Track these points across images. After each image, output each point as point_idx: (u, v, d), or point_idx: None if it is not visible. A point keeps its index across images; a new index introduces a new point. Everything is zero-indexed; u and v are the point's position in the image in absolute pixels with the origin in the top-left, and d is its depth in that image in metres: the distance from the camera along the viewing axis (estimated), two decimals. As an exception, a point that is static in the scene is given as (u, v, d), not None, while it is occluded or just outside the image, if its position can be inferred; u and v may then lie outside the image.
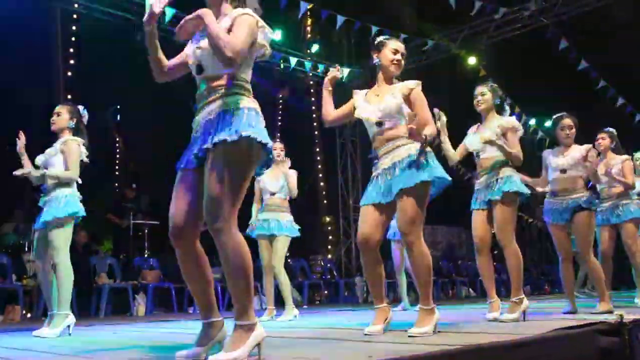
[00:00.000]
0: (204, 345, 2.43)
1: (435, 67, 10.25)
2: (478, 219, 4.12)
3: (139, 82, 10.48)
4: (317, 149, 12.26)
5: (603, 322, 2.78)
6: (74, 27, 9.71)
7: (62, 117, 4.43)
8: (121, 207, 9.62)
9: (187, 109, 2.74)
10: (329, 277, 10.30)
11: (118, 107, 11.12)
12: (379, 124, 3.33)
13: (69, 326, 4.14)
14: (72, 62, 9.86)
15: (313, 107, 12.28)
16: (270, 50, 2.58)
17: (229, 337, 2.34)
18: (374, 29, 10.00)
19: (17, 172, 4.26)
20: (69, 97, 9.80)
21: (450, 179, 3.26)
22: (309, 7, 9.58)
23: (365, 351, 2.38)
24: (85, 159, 4.46)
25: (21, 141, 4.47)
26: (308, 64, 11.06)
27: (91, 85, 9.96)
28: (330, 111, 3.56)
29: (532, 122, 12.23)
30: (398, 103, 3.29)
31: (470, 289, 11.70)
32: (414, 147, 3.22)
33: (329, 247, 12.05)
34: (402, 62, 3.42)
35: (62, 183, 4.29)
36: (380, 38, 3.51)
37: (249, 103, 2.42)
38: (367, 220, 3.30)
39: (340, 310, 7.20)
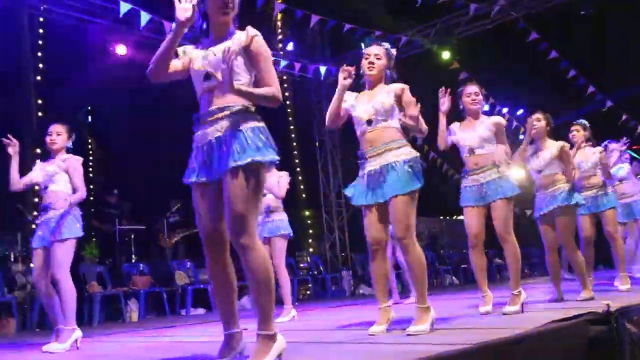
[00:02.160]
0: (226, 357, 2.58)
1: (409, 63, 10.44)
2: (473, 216, 4.25)
3: (109, 84, 10.57)
4: (294, 144, 12.36)
5: (592, 312, 2.98)
6: (40, 31, 9.67)
7: (62, 136, 4.50)
8: (103, 213, 9.64)
9: (160, 109, 2.76)
10: (315, 272, 10.47)
11: (89, 108, 11.08)
12: (369, 122, 3.47)
13: (76, 340, 4.23)
14: (41, 66, 9.84)
15: (287, 102, 12.37)
16: None
17: (249, 344, 2.50)
18: (347, 26, 10.19)
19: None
20: (39, 102, 9.80)
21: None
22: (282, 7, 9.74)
23: (380, 354, 2.56)
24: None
25: (14, 146, 4.47)
26: (283, 62, 11.18)
27: (60, 88, 9.97)
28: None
29: (505, 110, 12.56)
30: (390, 102, 3.43)
31: (453, 277, 12.00)
32: (403, 153, 3.39)
33: (310, 240, 12.21)
34: (376, 62, 3.53)
35: (64, 204, 4.36)
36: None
37: (256, 122, 2.55)
38: (373, 224, 3.46)
39: (332, 307, 7.37)
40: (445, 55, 10.26)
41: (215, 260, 2.61)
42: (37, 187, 4.57)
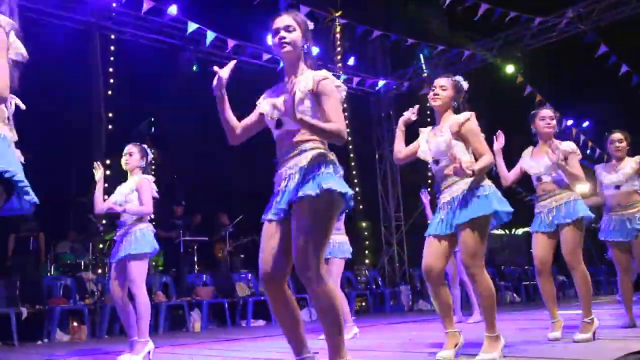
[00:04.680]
0: (302, 380, 2.63)
1: (472, 77, 10.32)
2: (541, 242, 4.21)
3: (175, 98, 10.92)
4: (351, 155, 12.39)
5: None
6: (112, 48, 10.11)
7: (134, 156, 4.69)
8: (170, 224, 9.93)
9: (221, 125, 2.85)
10: (374, 286, 10.45)
11: (152, 119, 11.45)
12: (436, 162, 3.53)
13: (149, 352, 4.40)
14: (111, 81, 10.28)
15: (346, 113, 12.42)
16: None
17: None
18: (409, 41, 10.21)
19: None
20: (110, 115, 10.24)
21: (512, 210, 3.42)
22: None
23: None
24: (156, 195, 4.73)
25: (100, 171, 4.74)
26: (343, 76, 11.26)
27: (128, 102, 10.38)
28: (401, 149, 3.73)
29: (570, 122, 12.24)
30: (446, 141, 3.45)
31: (514, 294, 11.73)
32: (468, 183, 3.39)
33: (366, 252, 12.20)
34: (441, 93, 3.55)
35: (138, 218, 4.57)
36: None
37: (327, 156, 2.61)
38: (430, 251, 3.48)
39: (392, 323, 7.35)
40: (509, 69, 10.09)
41: (277, 295, 2.63)
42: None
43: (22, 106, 2.17)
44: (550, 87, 10.39)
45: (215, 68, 2.69)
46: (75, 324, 7.39)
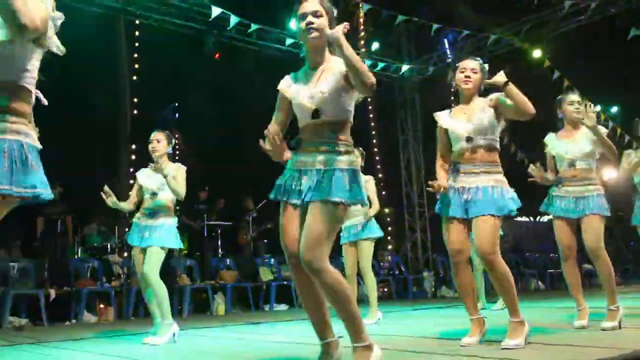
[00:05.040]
0: (327, 365, 2.65)
1: (498, 62, 10.18)
2: (565, 228, 4.15)
3: (198, 83, 10.94)
4: (374, 141, 12.31)
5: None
6: (137, 33, 10.17)
7: (162, 143, 4.74)
8: (194, 209, 10.01)
9: (245, 110, 2.86)
10: (397, 272, 10.43)
11: (176, 104, 11.53)
12: (469, 139, 3.47)
13: (174, 334, 4.46)
14: (136, 66, 10.36)
15: (369, 99, 12.32)
16: None
17: (345, 356, 2.56)
18: (434, 26, 10.07)
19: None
20: (135, 100, 10.32)
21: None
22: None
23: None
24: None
25: (111, 198, 4.69)
26: (367, 62, 11.18)
27: (153, 87, 10.46)
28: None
29: (598, 108, 11.99)
30: (490, 116, 3.42)
31: (539, 282, 11.63)
32: (496, 179, 3.39)
33: (390, 238, 12.15)
34: (473, 76, 3.51)
35: (168, 213, 4.66)
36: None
37: (350, 163, 2.60)
38: (455, 234, 3.46)
39: (416, 310, 7.34)
40: (536, 53, 9.90)
41: (302, 277, 2.65)
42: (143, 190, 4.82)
43: (44, 101, 2.20)
44: (577, 72, 10.16)
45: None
46: (102, 305, 7.54)
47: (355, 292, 5.73)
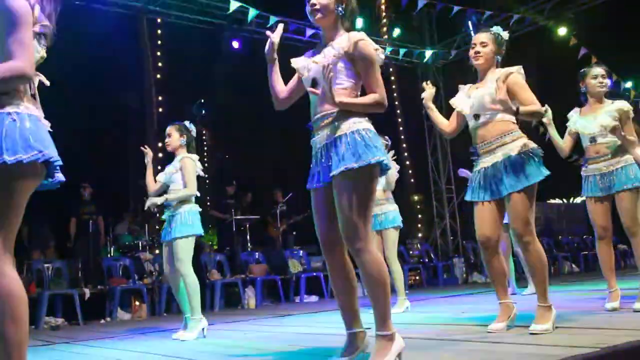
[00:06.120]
0: (350, 355, 2.63)
1: (521, 42, 9.97)
2: (598, 207, 4.05)
3: (223, 78, 10.96)
4: (400, 128, 12.22)
5: None
6: (159, 31, 10.25)
7: (173, 137, 4.77)
8: (223, 204, 10.11)
9: (268, 103, 2.90)
10: (427, 260, 10.37)
11: (202, 101, 11.61)
12: (476, 116, 3.39)
13: (203, 329, 4.51)
14: (160, 64, 10.44)
15: (393, 86, 12.24)
16: None
17: (372, 346, 2.55)
18: (455, 8, 9.91)
19: (148, 204, 4.70)
20: (160, 98, 10.42)
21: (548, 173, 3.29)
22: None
23: (500, 355, 2.51)
24: (201, 173, 4.81)
25: (149, 155, 4.84)
26: (389, 48, 11.08)
27: (178, 84, 10.53)
28: (445, 123, 3.65)
29: (629, 84, 11.69)
30: (490, 94, 3.28)
31: (572, 265, 11.42)
32: (517, 146, 3.26)
33: (419, 225, 12.08)
34: (482, 50, 3.41)
35: (183, 201, 4.66)
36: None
37: (363, 124, 2.56)
38: (485, 221, 3.39)
39: (445, 297, 7.29)
40: (562, 31, 9.66)
41: (334, 263, 2.66)
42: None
43: (47, 82, 2.17)
44: (605, 48, 9.89)
45: (268, 32, 2.77)
46: (136, 303, 7.68)
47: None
